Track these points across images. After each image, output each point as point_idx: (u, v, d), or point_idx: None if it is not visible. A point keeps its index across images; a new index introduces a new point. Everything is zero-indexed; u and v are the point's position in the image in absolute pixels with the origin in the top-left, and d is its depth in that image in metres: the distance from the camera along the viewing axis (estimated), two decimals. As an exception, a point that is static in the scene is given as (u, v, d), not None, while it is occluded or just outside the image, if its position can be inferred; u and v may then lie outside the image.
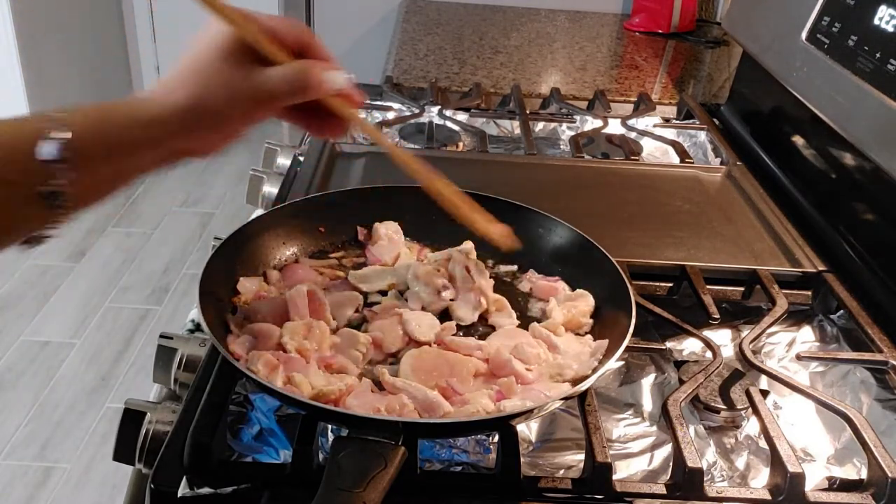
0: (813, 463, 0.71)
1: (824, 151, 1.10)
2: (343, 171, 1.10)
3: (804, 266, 0.94)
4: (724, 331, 0.87)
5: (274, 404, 0.70)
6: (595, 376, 0.66)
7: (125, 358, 2.48)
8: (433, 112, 1.32)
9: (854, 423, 0.68)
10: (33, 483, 2.04)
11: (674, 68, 1.81)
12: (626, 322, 0.70)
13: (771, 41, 1.24)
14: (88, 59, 3.49)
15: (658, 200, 1.09)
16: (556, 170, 1.17)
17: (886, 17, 0.94)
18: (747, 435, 0.73)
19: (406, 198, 0.89)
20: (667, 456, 0.69)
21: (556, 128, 1.37)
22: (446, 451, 0.68)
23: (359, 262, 0.86)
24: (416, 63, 1.64)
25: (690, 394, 0.71)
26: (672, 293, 0.91)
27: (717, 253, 0.95)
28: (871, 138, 0.93)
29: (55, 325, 2.59)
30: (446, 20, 2.00)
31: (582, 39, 1.94)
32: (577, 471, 0.67)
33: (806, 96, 1.09)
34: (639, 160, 1.22)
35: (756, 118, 1.35)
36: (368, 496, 0.52)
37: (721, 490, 0.64)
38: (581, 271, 0.83)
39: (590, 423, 0.66)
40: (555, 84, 1.54)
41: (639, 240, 0.97)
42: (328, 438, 0.67)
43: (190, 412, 0.64)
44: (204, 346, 0.76)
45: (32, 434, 2.18)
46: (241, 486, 0.60)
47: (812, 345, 0.86)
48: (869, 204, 0.99)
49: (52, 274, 2.83)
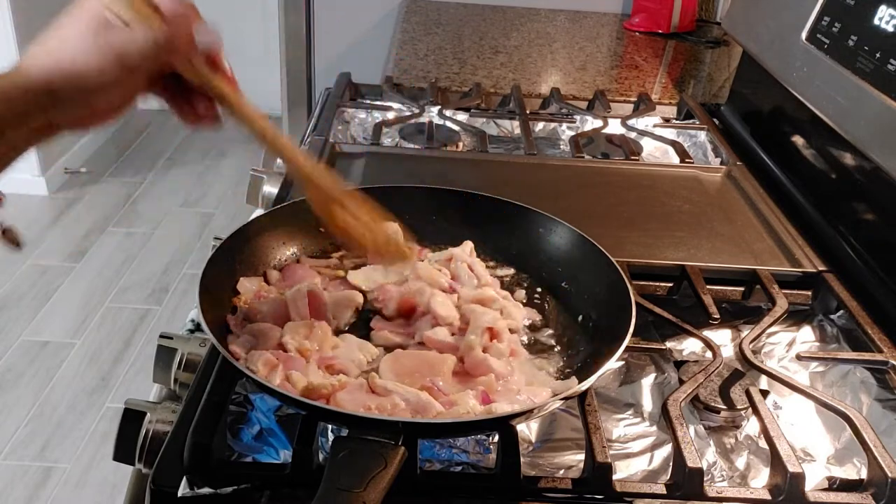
0: (813, 463, 0.71)
1: (824, 151, 1.10)
2: (343, 171, 1.10)
3: (804, 266, 0.94)
4: (724, 331, 0.87)
5: (274, 404, 0.70)
6: (595, 376, 0.66)
7: (125, 358, 2.48)
8: (433, 112, 1.32)
9: (854, 423, 0.68)
10: (33, 483, 2.04)
11: (674, 68, 1.81)
12: (626, 322, 0.70)
13: (771, 41, 1.24)
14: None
15: (658, 200, 1.09)
16: (556, 170, 1.17)
17: (886, 17, 0.94)
18: (747, 435, 0.73)
19: (406, 198, 0.89)
20: (667, 456, 0.69)
21: (556, 128, 1.37)
22: (446, 451, 0.68)
23: (359, 262, 0.86)
24: (416, 63, 1.64)
25: (690, 394, 0.71)
26: (672, 293, 0.91)
27: (717, 253, 0.95)
28: (871, 138, 0.93)
29: (55, 325, 2.59)
30: (446, 20, 2.00)
31: (582, 39, 1.93)
32: (577, 471, 0.67)
33: (806, 96, 1.09)
34: (639, 160, 1.22)
35: (756, 118, 1.35)
36: (368, 496, 0.52)
37: (721, 490, 0.64)
38: (581, 271, 0.83)
39: (590, 423, 0.66)
40: (555, 84, 1.54)
41: (639, 240, 0.97)
42: (328, 438, 0.67)
43: (190, 412, 0.64)
44: (204, 346, 0.76)
45: (32, 434, 2.18)
46: (241, 486, 0.60)
47: (812, 345, 0.86)
48: (869, 204, 0.99)
49: (52, 274, 2.83)
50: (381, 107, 1.35)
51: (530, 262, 0.86)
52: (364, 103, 1.38)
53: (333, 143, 1.15)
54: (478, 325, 0.72)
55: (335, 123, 1.24)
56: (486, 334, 0.72)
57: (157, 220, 3.24)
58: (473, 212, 0.89)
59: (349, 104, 1.34)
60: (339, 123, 1.28)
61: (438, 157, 1.18)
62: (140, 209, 3.31)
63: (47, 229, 3.09)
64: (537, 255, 0.86)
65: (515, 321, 0.78)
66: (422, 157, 1.18)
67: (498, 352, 0.72)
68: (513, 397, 0.67)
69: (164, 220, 3.24)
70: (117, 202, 3.33)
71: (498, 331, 0.73)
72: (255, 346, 0.70)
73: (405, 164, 1.16)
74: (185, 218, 3.27)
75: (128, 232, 3.15)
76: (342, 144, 1.17)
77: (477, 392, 0.67)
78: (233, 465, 0.65)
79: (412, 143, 1.25)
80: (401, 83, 1.50)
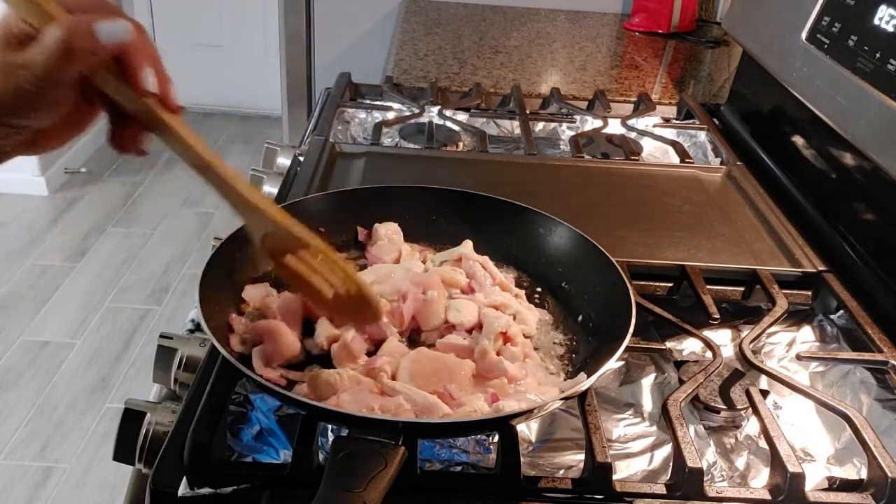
0: (813, 463, 0.71)
1: (824, 151, 1.10)
2: (343, 171, 1.10)
3: (804, 266, 0.94)
4: (724, 331, 0.87)
5: (274, 404, 0.70)
6: (595, 376, 0.66)
7: (125, 358, 2.48)
8: (433, 112, 1.32)
9: (854, 423, 0.68)
10: (33, 483, 2.04)
11: (674, 68, 1.81)
12: (626, 322, 0.70)
13: (771, 41, 1.23)
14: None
15: (658, 200, 1.09)
16: (556, 170, 1.17)
17: (886, 17, 0.94)
18: (747, 435, 0.73)
19: (406, 198, 0.89)
20: (667, 456, 0.69)
21: (556, 128, 1.37)
22: (446, 451, 0.68)
23: (359, 262, 0.86)
24: (416, 63, 1.64)
25: (690, 394, 0.71)
26: (672, 293, 0.91)
27: (717, 253, 0.95)
28: (871, 138, 0.93)
29: (55, 325, 2.59)
30: (446, 20, 2.00)
31: (582, 39, 1.93)
32: (577, 471, 0.67)
33: (806, 96, 1.09)
34: (639, 160, 1.22)
35: (756, 118, 1.35)
36: (368, 496, 0.52)
37: (721, 490, 0.64)
38: (581, 271, 0.83)
39: (590, 423, 0.66)
40: (555, 84, 1.54)
41: (639, 240, 0.97)
42: (328, 438, 0.67)
43: (190, 412, 0.64)
44: (204, 346, 0.76)
45: (32, 434, 2.18)
46: (241, 486, 0.60)
47: (812, 345, 0.86)
48: (869, 204, 0.99)
49: (52, 274, 2.83)
50: (381, 107, 1.35)
51: (530, 262, 0.86)
52: (364, 103, 1.38)
53: (333, 143, 1.15)
54: (491, 330, 0.72)
55: (335, 123, 1.24)
56: (500, 339, 0.73)
57: (157, 220, 3.24)
58: (473, 212, 0.89)
59: (349, 104, 1.34)
60: (339, 123, 1.28)
61: (438, 157, 1.18)
62: (140, 209, 3.31)
63: (47, 229, 3.09)
64: (537, 255, 0.86)
65: (529, 326, 0.78)
66: (422, 157, 1.18)
67: (512, 355, 0.72)
68: (523, 398, 0.67)
69: (164, 220, 3.24)
70: (117, 202, 3.33)
71: (511, 335, 0.73)
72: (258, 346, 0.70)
73: (405, 164, 1.16)
74: (185, 218, 3.27)
75: (128, 232, 3.15)
76: (342, 144, 1.17)
77: (487, 395, 0.67)
78: (233, 465, 0.65)
79: (412, 143, 1.25)
80: (401, 83, 1.50)
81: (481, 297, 0.79)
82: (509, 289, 0.82)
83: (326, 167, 1.09)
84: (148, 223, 3.21)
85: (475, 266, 0.82)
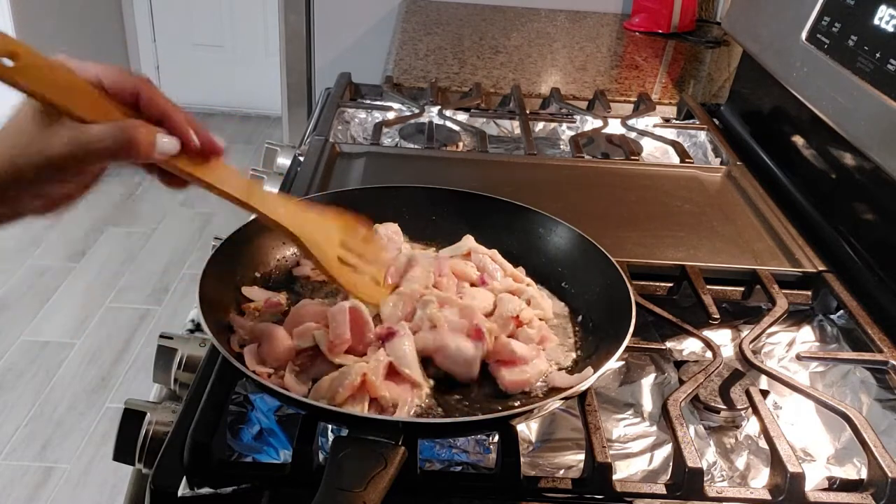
0: (813, 463, 0.71)
1: (824, 151, 1.10)
2: (343, 171, 1.10)
3: (804, 266, 0.94)
4: (724, 331, 0.87)
5: (274, 404, 0.70)
6: (595, 376, 0.66)
7: (125, 358, 2.48)
8: (433, 112, 1.32)
9: (854, 423, 0.68)
10: (33, 483, 2.04)
11: (674, 68, 1.81)
12: (626, 322, 0.70)
13: (771, 41, 1.24)
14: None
15: (658, 200, 1.09)
16: (556, 170, 1.17)
17: (886, 17, 0.94)
18: (747, 435, 0.73)
19: (406, 198, 0.89)
20: (667, 456, 0.69)
21: (556, 128, 1.37)
22: (446, 451, 0.68)
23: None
24: (416, 63, 1.64)
25: (690, 394, 0.71)
26: (672, 293, 0.91)
27: (717, 253, 0.95)
28: (871, 138, 0.93)
29: (55, 325, 2.59)
30: (446, 20, 2.00)
31: (582, 39, 1.93)
32: (577, 471, 0.67)
33: (806, 96, 1.09)
34: (639, 160, 1.22)
35: (756, 118, 1.35)
36: (368, 496, 0.52)
37: (721, 490, 0.64)
38: (581, 271, 0.83)
39: (590, 423, 0.66)
40: (555, 84, 1.54)
41: (639, 240, 0.97)
42: (328, 438, 0.67)
43: (190, 412, 0.64)
44: (204, 346, 0.76)
45: (32, 434, 2.18)
46: (241, 486, 0.60)
47: (812, 345, 0.86)
48: (869, 204, 0.99)
49: (51, 274, 2.83)
50: (381, 107, 1.35)
51: (530, 262, 0.86)
52: (364, 103, 1.38)
53: (333, 143, 1.15)
54: (502, 313, 0.74)
55: (335, 123, 1.25)
56: (512, 323, 0.73)
57: (157, 220, 3.24)
58: (473, 212, 0.89)
59: (349, 104, 1.34)
60: (339, 123, 1.28)
61: (438, 157, 1.18)
62: (140, 209, 3.31)
63: (47, 229, 3.08)
64: (537, 255, 0.86)
65: (544, 311, 0.78)
66: (422, 157, 1.18)
67: (527, 336, 0.72)
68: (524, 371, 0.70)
69: (164, 220, 3.24)
70: (117, 202, 3.33)
71: (525, 319, 0.74)
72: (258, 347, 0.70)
73: (405, 164, 1.16)
74: (185, 218, 3.27)
75: (128, 232, 3.15)
76: (342, 144, 1.17)
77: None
78: (233, 465, 0.65)
79: (412, 143, 1.25)
80: (401, 83, 1.50)
81: (497, 284, 0.80)
82: (521, 279, 0.82)
83: (326, 167, 1.09)
84: (148, 223, 3.21)
85: (485, 259, 0.82)
